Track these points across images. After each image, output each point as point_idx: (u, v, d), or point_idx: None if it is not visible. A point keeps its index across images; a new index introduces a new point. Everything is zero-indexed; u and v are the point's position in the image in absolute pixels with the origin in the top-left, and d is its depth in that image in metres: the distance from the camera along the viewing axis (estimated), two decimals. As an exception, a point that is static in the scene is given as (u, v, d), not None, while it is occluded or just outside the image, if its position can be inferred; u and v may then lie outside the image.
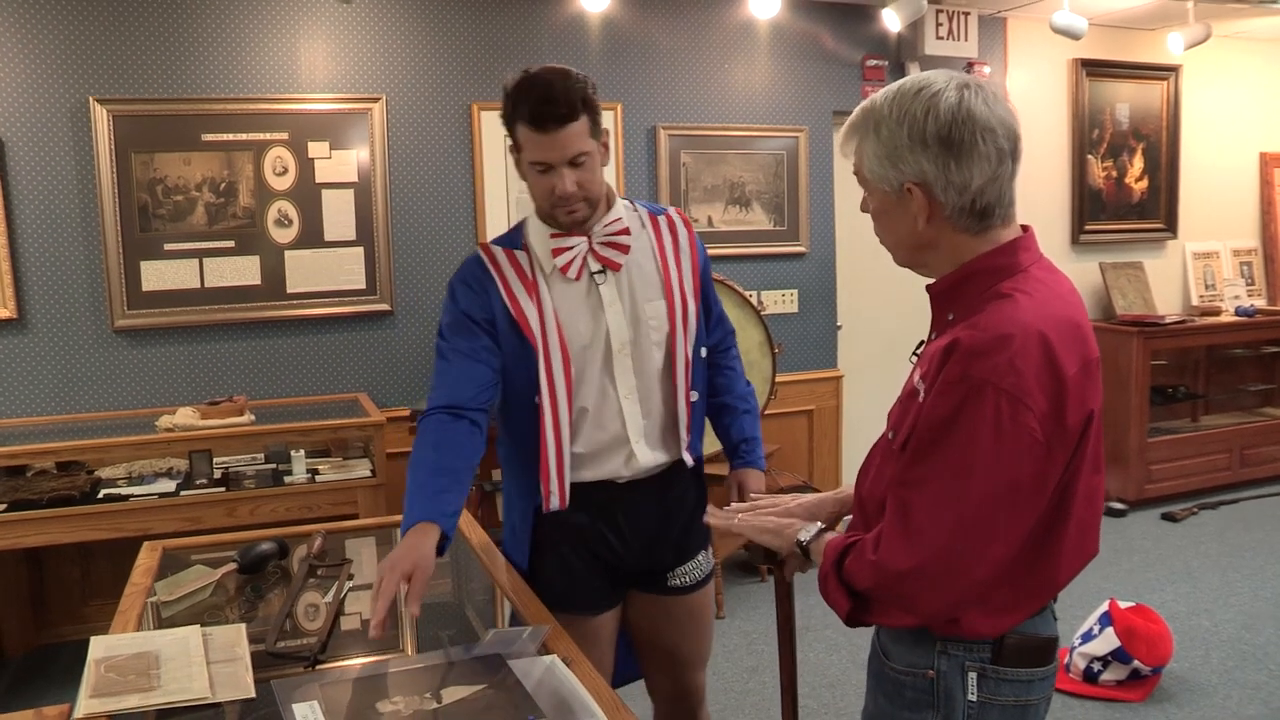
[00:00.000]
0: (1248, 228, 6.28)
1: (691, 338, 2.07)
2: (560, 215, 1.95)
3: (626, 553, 2.07)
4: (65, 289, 3.84)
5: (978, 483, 1.30)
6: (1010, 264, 1.40)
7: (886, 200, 1.43)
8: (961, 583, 1.34)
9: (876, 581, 1.38)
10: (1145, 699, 3.37)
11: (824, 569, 1.46)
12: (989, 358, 1.29)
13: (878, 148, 1.40)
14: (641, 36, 4.57)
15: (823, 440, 5.11)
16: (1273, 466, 5.82)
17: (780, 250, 4.90)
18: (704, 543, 2.20)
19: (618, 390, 2.00)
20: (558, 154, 1.87)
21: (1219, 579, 4.40)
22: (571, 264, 1.97)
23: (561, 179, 1.88)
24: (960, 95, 1.36)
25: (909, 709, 1.47)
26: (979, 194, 1.37)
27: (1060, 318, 1.35)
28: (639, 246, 2.03)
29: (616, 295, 2.00)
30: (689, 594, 2.17)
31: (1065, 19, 4.71)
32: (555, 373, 1.94)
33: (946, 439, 1.32)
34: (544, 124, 1.84)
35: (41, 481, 3.48)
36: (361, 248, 4.16)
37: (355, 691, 1.49)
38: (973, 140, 1.34)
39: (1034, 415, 1.29)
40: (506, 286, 1.96)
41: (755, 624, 4.02)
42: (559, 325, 1.96)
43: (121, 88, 3.83)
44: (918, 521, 1.34)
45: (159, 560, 2.21)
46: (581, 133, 1.87)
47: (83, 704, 1.48)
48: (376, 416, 3.75)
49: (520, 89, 1.88)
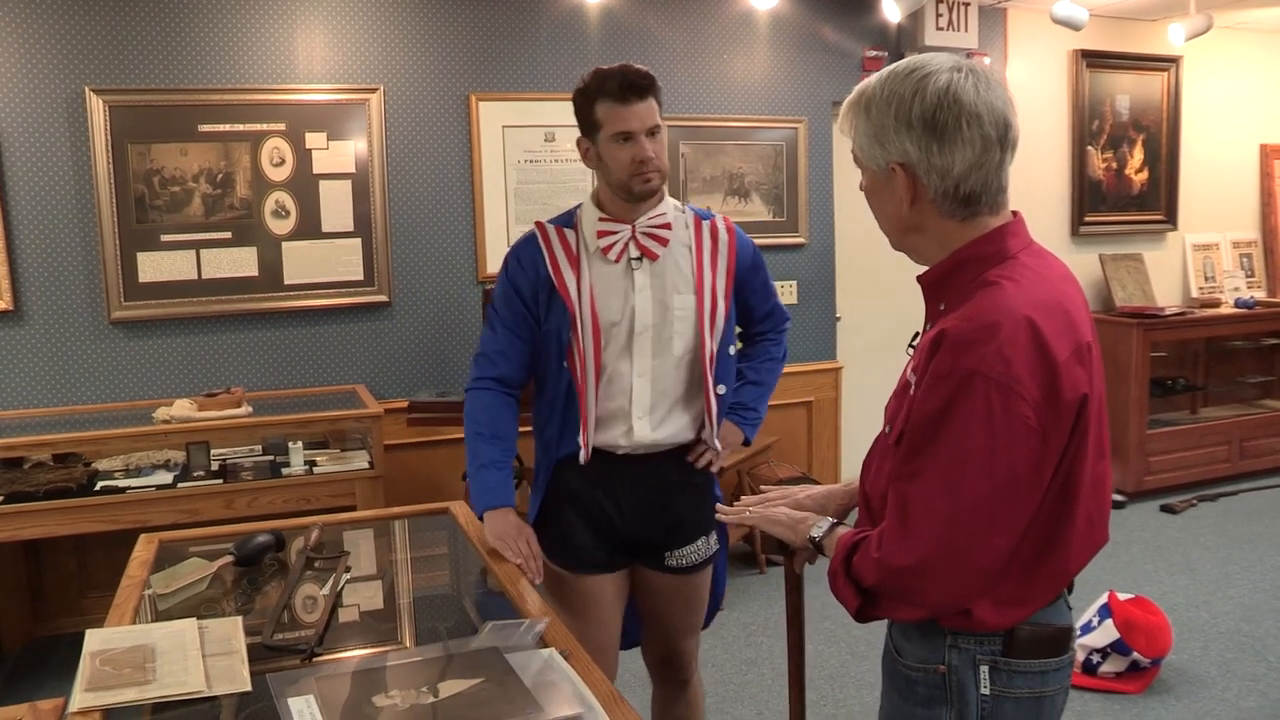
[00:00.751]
0: (1248, 219, 6.27)
1: (719, 335, 2.22)
2: (636, 185, 2.12)
3: (621, 523, 2.22)
4: (62, 280, 3.82)
5: (972, 475, 1.29)
6: (998, 251, 1.39)
7: (876, 180, 1.45)
8: (965, 575, 1.33)
9: (880, 578, 1.37)
10: (1144, 690, 3.37)
11: (833, 565, 1.45)
12: (977, 348, 1.29)
13: (868, 126, 1.41)
14: (640, 27, 4.55)
15: (822, 432, 5.11)
16: (1272, 459, 5.82)
17: (779, 241, 4.89)
18: (708, 528, 2.30)
19: (633, 368, 2.17)
20: (639, 122, 2.09)
21: (1218, 571, 4.40)
22: (613, 247, 2.16)
23: (642, 145, 2.09)
24: (950, 79, 1.35)
25: (922, 705, 1.45)
26: (962, 179, 1.36)
27: (1048, 303, 1.34)
28: (678, 242, 2.20)
29: (648, 282, 2.17)
30: (687, 575, 2.29)
31: (1066, 9, 4.69)
32: (585, 341, 2.13)
33: (940, 433, 1.31)
34: (628, 96, 2.08)
35: (38, 473, 3.48)
36: (359, 239, 4.15)
37: (352, 685, 1.48)
38: (956, 125, 1.34)
39: (1027, 403, 1.28)
40: (553, 259, 2.17)
41: (754, 616, 4.02)
42: (593, 299, 2.14)
43: (118, 78, 3.81)
44: (915, 517, 1.33)
45: (155, 552, 2.20)
46: (655, 108, 2.13)
47: (77, 698, 1.47)
48: (374, 408, 3.74)
49: (600, 74, 2.11)
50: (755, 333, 2.41)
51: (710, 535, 2.30)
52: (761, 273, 2.36)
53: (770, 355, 2.42)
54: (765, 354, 2.42)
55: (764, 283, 2.37)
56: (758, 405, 2.38)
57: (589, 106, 2.12)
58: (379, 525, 2.57)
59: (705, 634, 3.85)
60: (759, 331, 2.42)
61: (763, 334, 2.42)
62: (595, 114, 2.11)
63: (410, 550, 2.47)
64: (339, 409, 3.92)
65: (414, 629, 2.03)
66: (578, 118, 2.16)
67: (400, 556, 2.46)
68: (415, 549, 2.47)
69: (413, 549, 2.47)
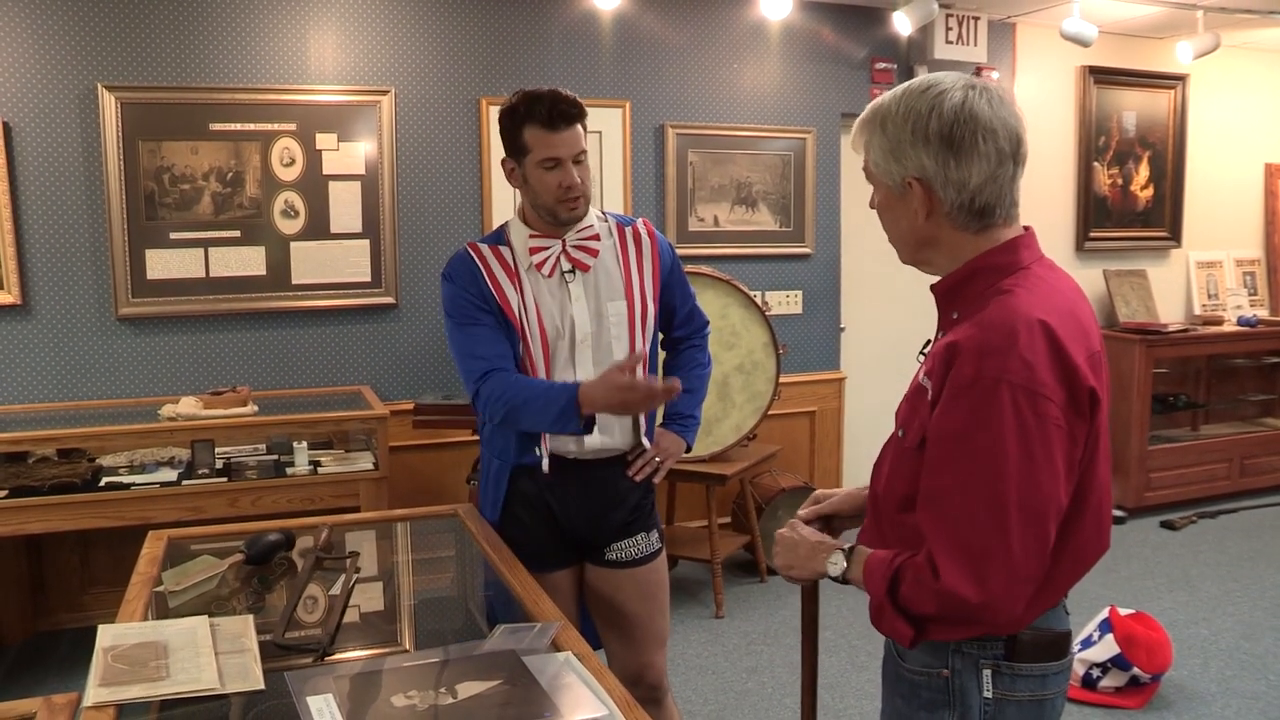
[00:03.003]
0: (1251, 238, 6.29)
1: (649, 335, 2.29)
2: (562, 211, 2.16)
3: (568, 522, 2.27)
4: (70, 276, 3.82)
5: (1015, 485, 1.30)
6: (1011, 261, 1.42)
7: (890, 196, 1.47)
8: (1032, 587, 1.34)
9: (943, 610, 1.35)
10: (1144, 706, 3.37)
11: (877, 600, 1.43)
12: (998, 355, 1.31)
13: (883, 142, 1.43)
14: (651, 35, 4.57)
15: (825, 441, 5.11)
16: (1272, 477, 5.83)
17: (785, 251, 4.90)
18: (649, 525, 2.36)
19: (577, 376, 2.22)
20: (566, 150, 2.12)
21: (1218, 588, 4.41)
22: (545, 262, 2.20)
23: (569, 172, 2.13)
24: (965, 95, 1.39)
25: (925, 709, 1.47)
26: (978, 192, 1.39)
27: (1062, 309, 1.37)
28: (606, 251, 2.26)
29: (583, 292, 2.22)
30: (632, 568, 2.33)
31: (1075, 26, 4.72)
32: (535, 353, 2.18)
33: (972, 445, 1.32)
34: (557, 123, 2.10)
35: (43, 468, 3.47)
36: (367, 240, 4.15)
37: (369, 684, 1.48)
38: (973, 140, 1.37)
39: (1054, 404, 1.31)
40: (492, 277, 2.19)
41: (754, 624, 4.02)
42: (539, 312, 2.19)
43: (130, 75, 3.82)
44: (977, 545, 1.31)
45: (164, 549, 2.21)
46: (581, 135, 2.16)
47: (92, 692, 1.47)
48: (380, 409, 3.74)
49: (529, 97, 2.12)
50: (676, 337, 2.46)
51: (651, 532, 2.35)
52: (679, 273, 2.40)
53: (698, 362, 2.47)
54: (693, 361, 2.46)
55: (682, 282, 2.41)
56: (694, 412, 2.44)
57: (517, 129, 2.13)
58: (383, 527, 2.58)
59: (706, 641, 3.88)
60: (681, 336, 2.46)
61: (686, 339, 2.46)
62: (523, 137, 2.13)
63: (418, 552, 2.47)
64: (344, 409, 3.92)
65: (423, 631, 2.03)
66: (504, 138, 2.18)
67: (409, 558, 2.47)
68: (423, 551, 2.47)
69: (420, 551, 2.47)
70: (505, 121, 2.16)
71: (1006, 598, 1.32)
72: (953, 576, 1.32)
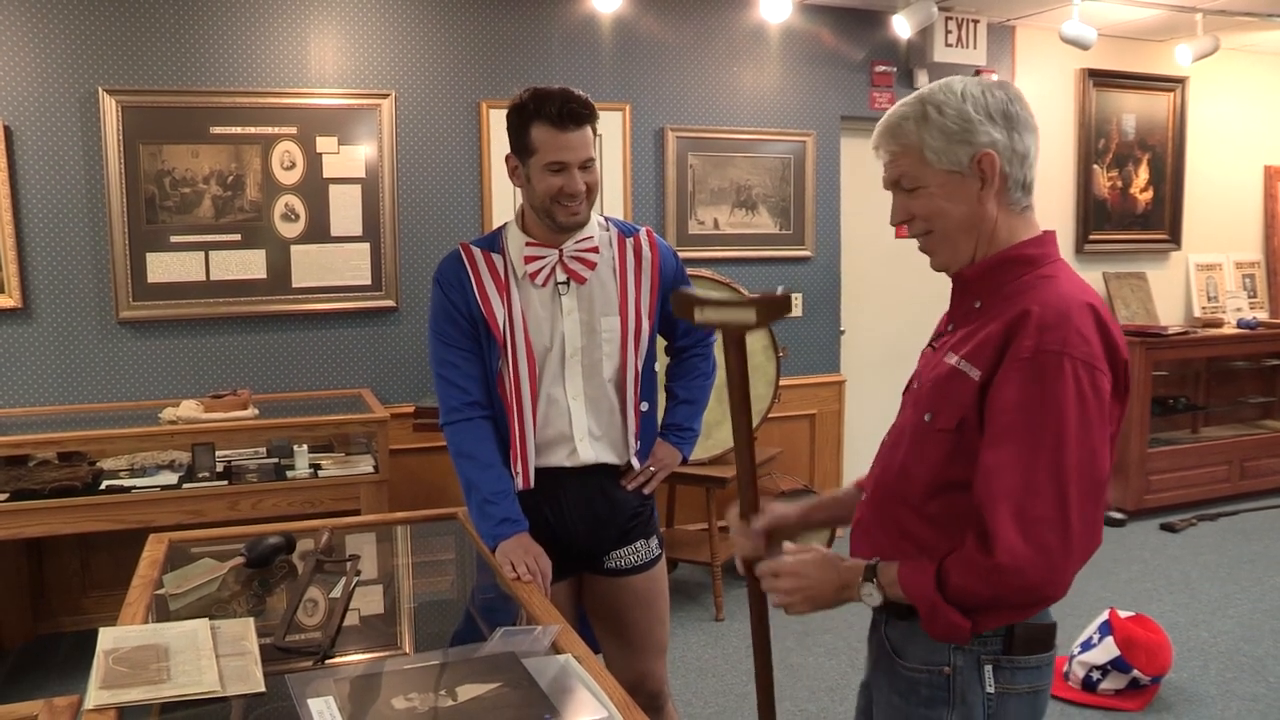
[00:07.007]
0: (1251, 240, 6.30)
1: (643, 354, 2.22)
2: (562, 216, 2.09)
3: (566, 534, 2.21)
4: (71, 279, 3.83)
5: (1076, 455, 1.32)
6: (1043, 254, 1.47)
7: (948, 183, 1.44)
8: (1083, 559, 1.35)
9: (997, 588, 1.34)
10: (1144, 708, 3.37)
11: (928, 603, 1.40)
12: (1058, 330, 1.34)
13: (944, 125, 1.43)
14: (651, 37, 4.57)
15: (824, 444, 5.11)
16: (1272, 479, 5.83)
17: (785, 254, 4.90)
18: (648, 532, 2.32)
19: (567, 392, 2.17)
20: (573, 154, 2.05)
21: (1218, 590, 4.41)
22: (540, 272, 2.13)
23: (574, 178, 2.05)
24: (991, 81, 1.48)
25: (924, 706, 1.48)
26: (1030, 166, 1.46)
27: (1096, 299, 1.42)
28: (603, 263, 2.19)
29: (575, 305, 2.16)
30: (630, 576, 2.29)
31: (1074, 29, 4.72)
32: (520, 368, 2.12)
33: (1034, 416, 1.33)
34: (566, 123, 2.02)
35: (43, 472, 3.48)
36: (368, 244, 4.16)
37: (369, 687, 1.48)
38: (1025, 114, 1.45)
39: (1107, 379, 1.36)
40: (480, 285, 2.13)
41: (755, 627, 4.02)
42: (526, 326, 2.12)
43: (131, 78, 3.83)
44: (1037, 512, 1.31)
45: (165, 553, 2.21)
46: (590, 139, 2.08)
47: (93, 695, 1.47)
48: (380, 413, 3.74)
49: (539, 94, 2.05)
50: (680, 347, 2.39)
51: (650, 539, 2.32)
52: (683, 283, 2.32)
53: (700, 371, 2.40)
54: (695, 370, 2.39)
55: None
56: (692, 423, 2.38)
57: (524, 127, 2.06)
58: (383, 530, 2.58)
59: (706, 644, 3.88)
60: (684, 346, 2.38)
61: (689, 349, 2.39)
62: (530, 136, 2.05)
63: (418, 555, 2.47)
64: (345, 413, 3.93)
65: (423, 633, 2.03)
66: (510, 135, 2.10)
67: (409, 561, 2.47)
68: (423, 554, 2.47)
69: (421, 554, 2.47)
70: (513, 118, 2.08)
71: (1062, 567, 1.33)
72: (1010, 544, 1.31)
